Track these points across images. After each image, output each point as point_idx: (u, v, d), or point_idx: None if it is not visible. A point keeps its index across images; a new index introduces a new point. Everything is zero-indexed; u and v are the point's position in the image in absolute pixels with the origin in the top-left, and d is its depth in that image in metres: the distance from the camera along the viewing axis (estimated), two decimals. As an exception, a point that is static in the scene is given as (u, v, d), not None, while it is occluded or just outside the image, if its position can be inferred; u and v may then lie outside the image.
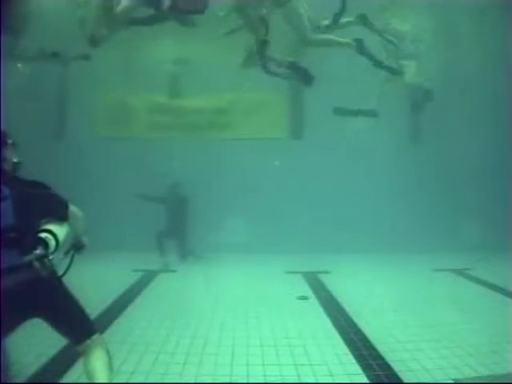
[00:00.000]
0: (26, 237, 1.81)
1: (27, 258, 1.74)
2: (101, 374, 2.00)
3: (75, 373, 2.89)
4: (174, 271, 6.73)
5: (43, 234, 1.81)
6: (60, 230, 1.90)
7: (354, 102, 8.52)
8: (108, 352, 2.14)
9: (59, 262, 2.01)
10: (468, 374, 3.02)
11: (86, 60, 7.27)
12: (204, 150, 8.64)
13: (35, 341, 2.34)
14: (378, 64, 6.99)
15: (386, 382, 2.92)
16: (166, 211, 7.41)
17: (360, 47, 6.70)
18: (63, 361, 3.03)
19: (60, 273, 2.05)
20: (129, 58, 8.61)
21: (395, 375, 3.00)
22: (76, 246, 2.25)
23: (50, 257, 1.78)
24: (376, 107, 7.80)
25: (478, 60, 8.34)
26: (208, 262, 7.31)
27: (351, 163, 8.69)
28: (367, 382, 2.91)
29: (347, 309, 4.61)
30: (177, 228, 7.33)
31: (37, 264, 1.73)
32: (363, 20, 6.79)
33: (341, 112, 7.93)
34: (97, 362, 2.02)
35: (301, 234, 8.14)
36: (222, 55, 8.06)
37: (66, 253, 2.19)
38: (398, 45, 7.35)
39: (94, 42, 6.18)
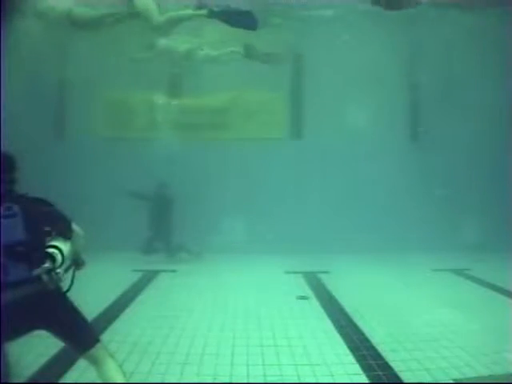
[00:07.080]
0: (35, 252, 1.91)
1: (36, 272, 1.84)
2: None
3: (75, 373, 2.90)
4: (173, 271, 6.72)
5: (50, 250, 1.92)
6: (65, 246, 2.01)
7: (353, 101, 8.56)
8: (114, 358, 2.20)
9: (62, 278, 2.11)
10: (468, 374, 3.03)
11: None
12: (204, 150, 8.63)
13: (35, 341, 2.34)
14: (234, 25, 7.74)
15: (386, 382, 2.92)
16: (151, 210, 7.46)
17: (211, 14, 7.57)
18: (63, 361, 3.03)
19: (64, 288, 2.15)
20: (129, 57, 8.61)
21: (395, 375, 3.00)
22: (76, 263, 2.36)
23: (58, 270, 1.89)
24: None
25: (476, 60, 8.34)
26: (208, 261, 7.31)
27: (351, 163, 8.68)
28: (367, 381, 2.92)
29: (347, 309, 4.61)
30: (161, 227, 7.39)
31: (45, 277, 1.83)
32: None
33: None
34: (112, 373, 2.11)
35: (301, 234, 8.13)
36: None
37: (67, 269, 2.30)
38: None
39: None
